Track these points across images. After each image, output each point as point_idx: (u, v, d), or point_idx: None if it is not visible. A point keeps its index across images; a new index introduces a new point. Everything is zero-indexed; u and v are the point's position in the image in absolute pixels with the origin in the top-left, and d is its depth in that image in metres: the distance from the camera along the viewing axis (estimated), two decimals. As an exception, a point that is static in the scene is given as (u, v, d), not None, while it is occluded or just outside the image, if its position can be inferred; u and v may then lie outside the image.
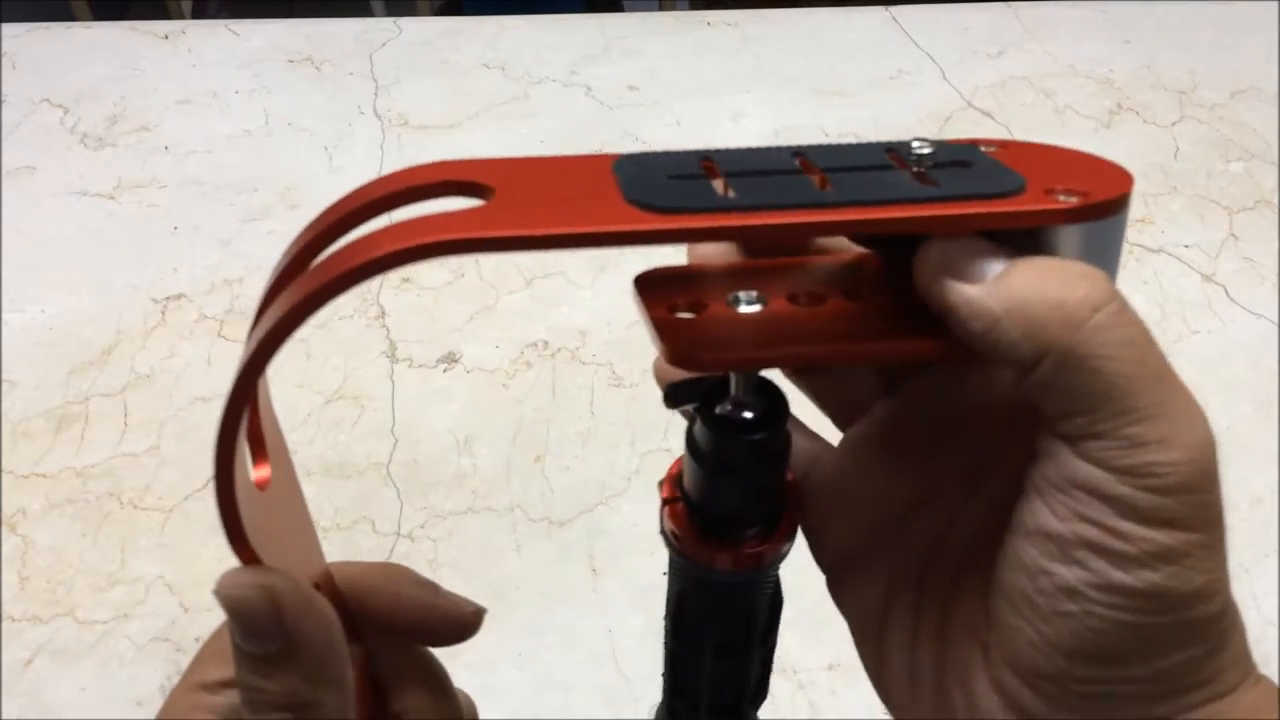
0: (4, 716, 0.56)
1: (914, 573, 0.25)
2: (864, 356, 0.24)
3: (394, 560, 0.63)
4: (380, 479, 0.67)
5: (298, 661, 0.21)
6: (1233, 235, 0.84)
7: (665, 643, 0.30)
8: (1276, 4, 1.08)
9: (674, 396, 0.25)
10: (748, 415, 0.25)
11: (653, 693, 0.58)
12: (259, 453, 0.23)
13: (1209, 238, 0.84)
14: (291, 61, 1.03)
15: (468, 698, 0.30)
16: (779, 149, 0.23)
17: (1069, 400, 0.20)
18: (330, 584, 0.26)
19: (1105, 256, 0.22)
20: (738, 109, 0.97)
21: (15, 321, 0.78)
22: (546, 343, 0.76)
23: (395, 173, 0.22)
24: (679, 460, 0.27)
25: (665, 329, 0.22)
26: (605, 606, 0.61)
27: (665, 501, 0.27)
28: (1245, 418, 0.71)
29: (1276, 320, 0.77)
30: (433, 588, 0.27)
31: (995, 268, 0.20)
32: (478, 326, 0.77)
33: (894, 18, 1.08)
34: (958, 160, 0.22)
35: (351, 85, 1.00)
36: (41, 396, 0.73)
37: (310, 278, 0.19)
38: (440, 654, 0.29)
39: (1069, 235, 0.21)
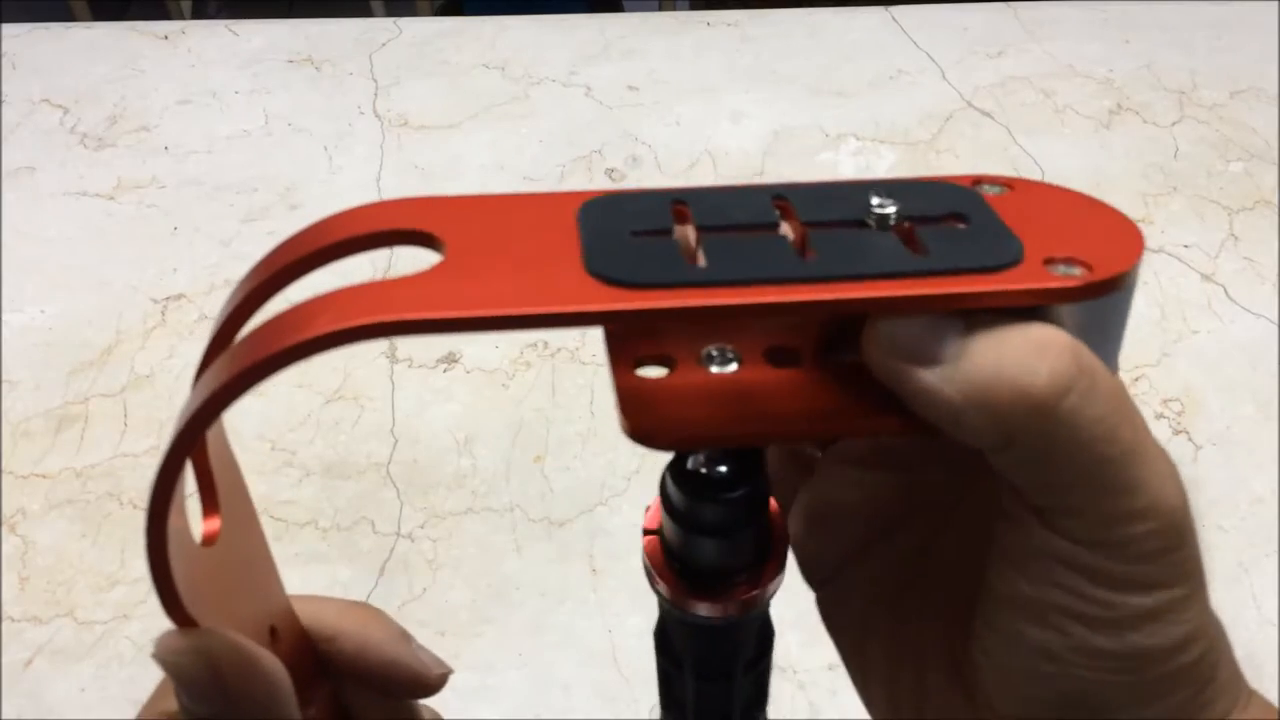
0: (4, 716, 0.56)
1: (894, 594, 0.25)
2: (850, 432, 0.23)
3: (394, 561, 0.63)
4: (380, 479, 0.67)
5: None
6: (1233, 235, 0.84)
7: (656, 655, 0.29)
8: (1276, 4, 1.08)
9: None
10: (721, 470, 0.23)
11: (653, 693, 0.58)
12: (209, 504, 0.23)
13: (1209, 238, 0.84)
14: (291, 61, 1.03)
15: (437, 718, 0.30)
16: (758, 191, 0.21)
17: (1038, 480, 0.19)
18: (293, 623, 0.25)
19: (1108, 330, 0.20)
20: (738, 109, 0.97)
21: (15, 321, 0.78)
22: (546, 343, 0.76)
23: (340, 214, 0.20)
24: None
25: (628, 398, 0.20)
26: (605, 606, 0.61)
27: (646, 532, 0.25)
28: (1245, 418, 0.71)
29: (1276, 320, 0.77)
30: (403, 640, 0.27)
31: (951, 347, 0.19)
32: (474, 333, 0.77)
33: (894, 18, 1.08)
34: (954, 213, 0.21)
35: (351, 85, 1.00)
36: (41, 396, 0.73)
37: (240, 354, 0.18)
38: (440, 653, 0.28)
39: (1068, 312, 0.20)
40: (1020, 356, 0.18)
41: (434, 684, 0.27)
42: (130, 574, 0.63)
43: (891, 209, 0.20)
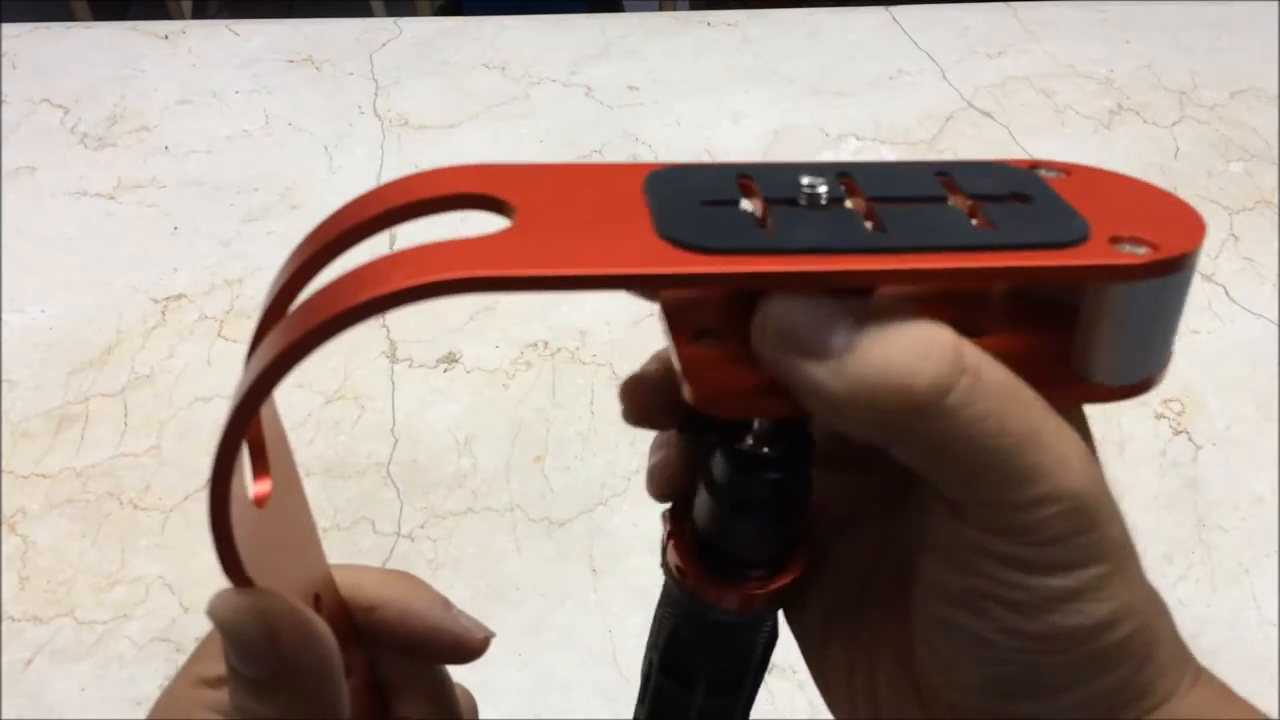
0: (4, 716, 0.56)
1: (851, 596, 0.25)
2: None
3: (394, 561, 0.63)
4: (380, 479, 0.67)
5: (291, 686, 0.21)
6: (1233, 235, 0.84)
7: (647, 676, 0.28)
8: (1276, 4, 1.08)
9: (693, 427, 0.24)
10: (774, 452, 0.23)
11: (653, 693, 0.58)
12: (260, 466, 0.23)
13: (1209, 238, 0.84)
14: (291, 61, 1.03)
15: (468, 695, 0.30)
16: (823, 167, 0.21)
17: (938, 473, 0.19)
18: (333, 591, 0.25)
19: (1168, 313, 0.21)
20: (738, 109, 0.97)
21: (15, 321, 0.78)
22: (546, 343, 0.76)
23: (407, 178, 0.20)
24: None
25: (691, 365, 0.20)
26: (605, 606, 0.61)
27: (670, 534, 0.25)
28: (1245, 418, 0.71)
29: (1276, 320, 0.77)
30: (445, 606, 0.27)
31: (840, 339, 0.18)
32: (478, 326, 0.77)
33: (894, 18, 1.08)
34: (1016, 193, 0.21)
35: (351, 85, 1.00)
36: (41, 396, 0.73)
37: (311, 310, 0.18)
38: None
39: (1135, 291, 0.20)
40: (905, 355, 0.18)
41: (477, 647, 0.27)
42: (130, 574, 0.63)
43: (953, 184, 0.20)
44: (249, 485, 0.22)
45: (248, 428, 0.19)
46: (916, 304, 0.20)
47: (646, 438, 0.27)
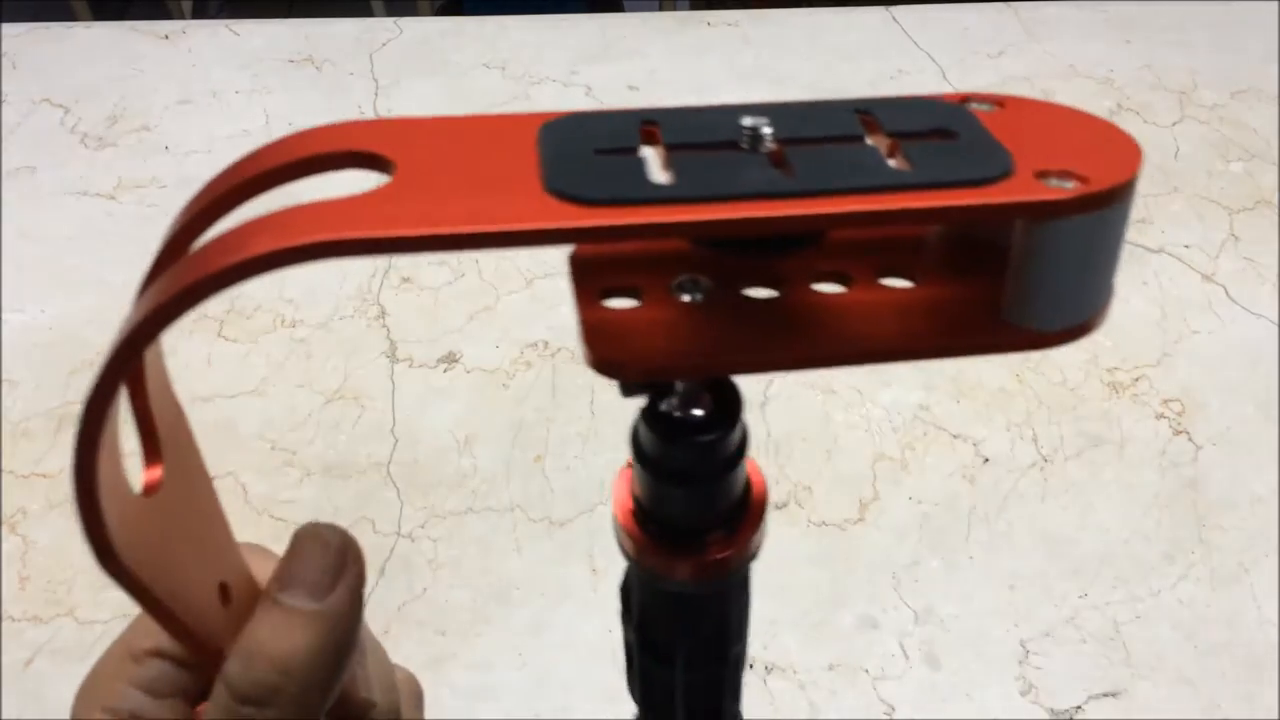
0: (4, 716, 0.56)
1: None
2: (825, 364, 0.21)
3: (394, 561, 0.63)
4: (380, 479, 0.67)
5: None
6: (1233, 235, 0.84)
7: (628, 654, 0.27)
8: (1276, 4, 1.08)
9: (627, 387, 0.22)
10: (696, 413, 0.22)
11: (653, 693, 0.58)
12: (150, 451, 0.21)
13: (1209, 238, 0.84)
14: (291, 61, 1.03)
15: (412, 679, 0.29)
16: (732, 110, 0.19)
17: None
18: (245, 580, 0.24)
19: (1103, 250, 0.19)
20: (738, 109, 0.97)
21: (15, 321, 0.78)
22: (546, 343, 0.76)
23: (288, 137, 0.19)
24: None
25: (593, 329, 0.19)
26: (605, 606, 0.61)
27: (618, 503, 0.24)
28: (1245, 418, 0.71)
29: (1276, 320, 0.77)
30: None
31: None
32: (478, 326, 0.77)
33: (894, 18, 1.08)
34: (939, 129, 0.19)
35: (351, 85, 1.00)
36: (41, 396, 0.73)
37: (179, 273, 0.17)
38: (440, 652, 0.28)
39: (1064, 228, 0.19)
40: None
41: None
42: (130, 574, 0.63)
43: (874, 122, 0.19)
44: (138, 472, 0.21)
45: (114, 392, 0.17)
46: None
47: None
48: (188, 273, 0.17)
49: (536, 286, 0.80)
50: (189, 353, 0.75)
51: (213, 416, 0.71)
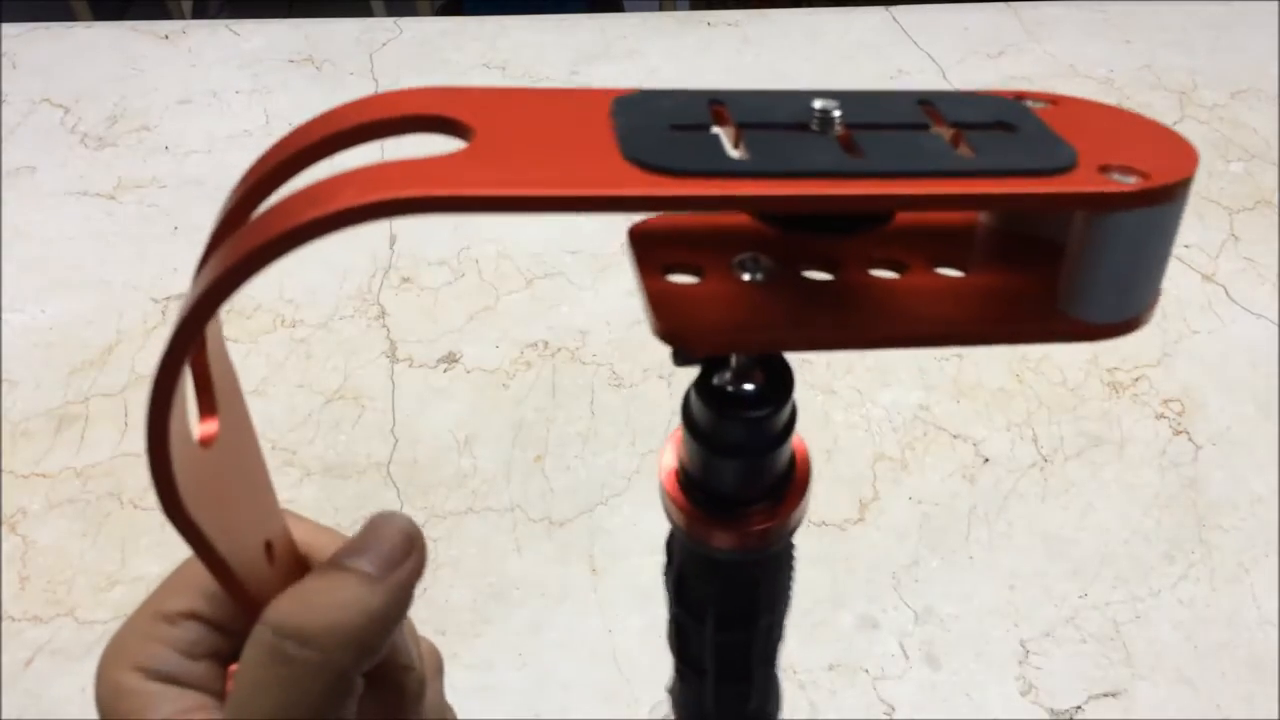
0: (4, 716, 0.56)
1: None
2: (884, 344, 0.21)
3: (394, 560, 0.63)
4: (380, 479, 0.67)
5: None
6: (1233, 235, 0.84)
7: (669, 607, 0.28)
8: (1276, 4, 1.08)
9: (681, 355, 0.23)
10: (748, 389, 0.22)
11: (653, 693, 0.58)
12: (206, 405, 0.22)
13: (1209, 238, 0.84)
14: (291, 61, 1.03)
15: (435, 652, 0.30)
16: (799, 95, 0.20)
17: None
18: (287, 542, 0.24)
19: (1157, 246, 0.20)
20: (738, 109, 0.97)
21: (15, 321, 0.78)
22: (546, 343, 0.76)
23: (362, 99, 0.19)
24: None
25: (659, 300, 0.19)
26: (605, 606, 0.61)
27: (667, 468, 0.25)
28: (1245, 418, 0.71)
29: (1276, 320, 0.77)
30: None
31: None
32: (478, 326, 0.77)
33: (894, 18, 1.08)
34: (1000, 121, 0.20)
35: (351, 85, 1.00)
36: (41, 396, 0.73)
37: (259, 228, 0.17)
38: (441, 653, 0.28)
39: (1123, 221, 0.19)
40: None
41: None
42: (130, 573, 0.63)
43: (937, 113, 0.20)
44: (194, 425, 0.21)
45: (189, 348, 0.18)
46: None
47: (647, 438, 0.27)
48: (270, 226, 0.16)
49: (536, 286, 0.80)
50: (189, 353, 0.75)
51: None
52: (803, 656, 0.58)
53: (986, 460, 0.68)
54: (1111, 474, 0.67)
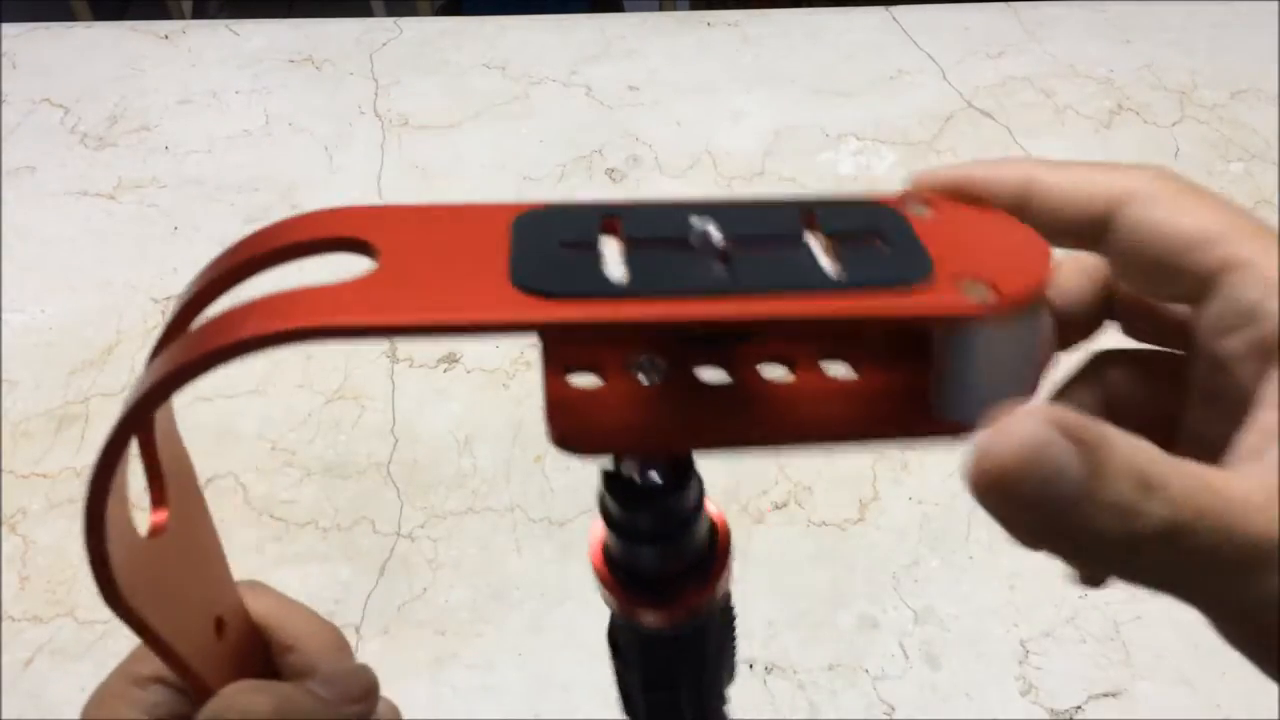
0: (4, 716, 0.56)
1: None
2: (771, 442, 0.22)
3: (394, 561, 0.63)
4: (380, 479, 0.67)
5: None
6: (1233, 235, 0.84)
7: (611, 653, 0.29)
8: (1276, 4, 1.07)
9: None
10: (651, 476, 0.23)
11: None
12: (156, 496, 0.23)
13: (1209, 238, 0.84)
14: (291, 61, 1.03)
15: (393, 709, 0.30)
16: (687, 207, 0.21)
17: None
18: (240, 615, 0.26)
19: (1019, 350, 0.20)
20: (738, 109, 0.97)
21: (15, 321, 0.78)
22: (546, 343, 0.76)
23: (278, 224, 0.21)
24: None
25: (556, 405, 0.20)
26: (605, 607, 0.61)
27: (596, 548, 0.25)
28: (1245, 418, 0.71)
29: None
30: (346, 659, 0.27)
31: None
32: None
33: (894, 18, 1.08)
34: (874, 229, 0.21)
35: (351, 85, 1.00)
36: (41, 396, 0.73)
37: (182, 349, 0.19)
38: (440, 652, 0.28)
39: (976, 333, 0.19)
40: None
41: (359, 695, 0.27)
42: (130, 574, 0.63)
43: (815, 220, 0.20)
44: (145, 516, 0.22)
45: (122, 450, 0.19)
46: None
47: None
48: (187, 350, 0.18)
49: (536, 286, 0.80)
50: (189, 353, 0.75)
51: (213, 416, 0.71)
52: (803, 656, 0.58)
53: (986, 460, 0.68)
54: (1111, 474, 0.67)
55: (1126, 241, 0.21)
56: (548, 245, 0.20)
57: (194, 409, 0.72)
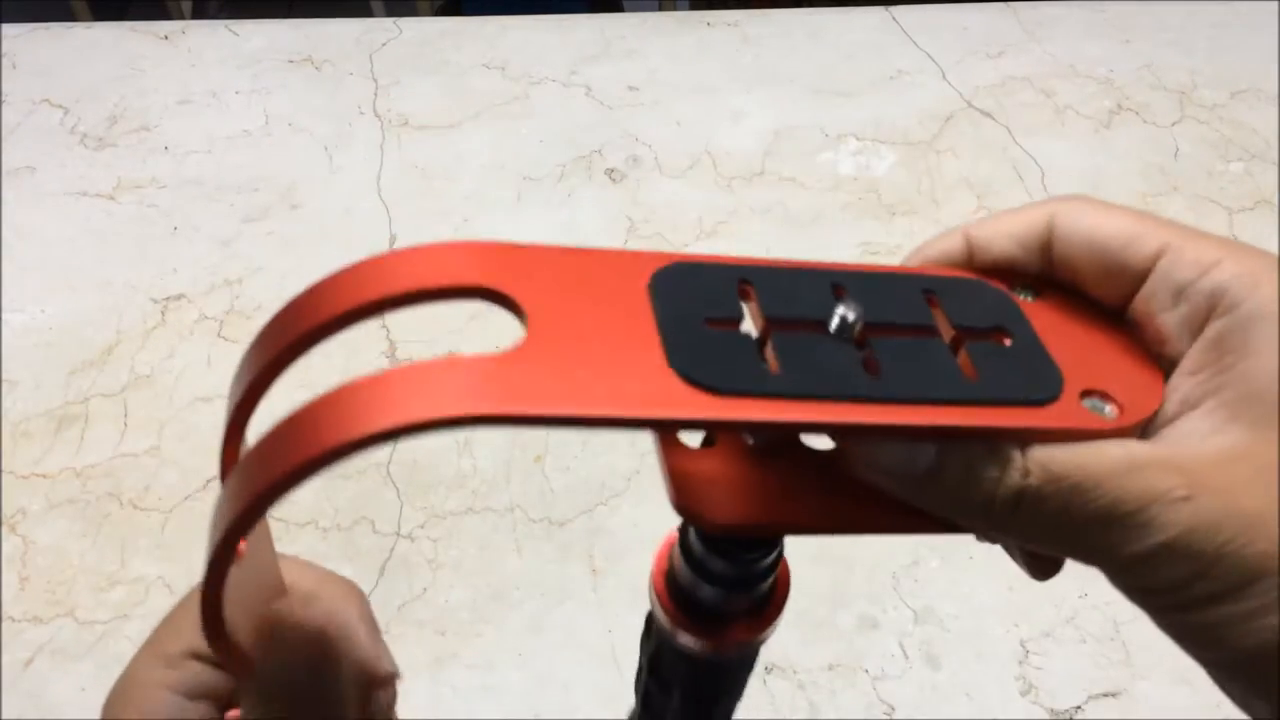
0: (4, 716, 0.56)
1: None
2: (881, 530, 0.23)
3: (394, 561, 0.63)
4: (380, 479, 0.67)
5: None
6: (1233, 235, 0.84)
7: (639, 669, 0.30)
8: (1276, 4, 1.07)
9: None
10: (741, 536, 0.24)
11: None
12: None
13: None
14: (291, 61, 1.03)
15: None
16: (818, 274, 0.22)
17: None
18: (282, 597, 0.26)
19: None
20: (738, 109, 0.97)
21: (15, 321, 0.78)
22: (546, 343, 0.76)
23: (401, 258, 0.19)
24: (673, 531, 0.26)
25: (677, 473, 0.21)
26: (605, 606, 0.61)
27: (659, 567, 0.26)
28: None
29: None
30: (372, 630, 0.27)
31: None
32: (478, 326, 0.77)
33: (894, 18, 1.08)
34: (997, 326, 0.22)
35: (351, 85, 1.00)
36: (41, 396, 0.73)
37: (293, 445, 0.17)
38: (440, 652, 0.28)
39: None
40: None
41: (380, 680, 0.27)
42: (130, 574, 0.63)
43: (942, 306, 0.22)
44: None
45: (233, 555, 0.19)
46: None
47: (646, 438, 0.27)
48: (311, 440, 0.17)
49: (536, 286, 0.80)
50: (189, 353, 0.75)
51: (213, 417, 0.71)
52: (803, 656, 0.58)
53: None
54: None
55: (1068, 244, 0.23)
56: (693, 319, 0.20)
57: (194, 409, 0.72)
